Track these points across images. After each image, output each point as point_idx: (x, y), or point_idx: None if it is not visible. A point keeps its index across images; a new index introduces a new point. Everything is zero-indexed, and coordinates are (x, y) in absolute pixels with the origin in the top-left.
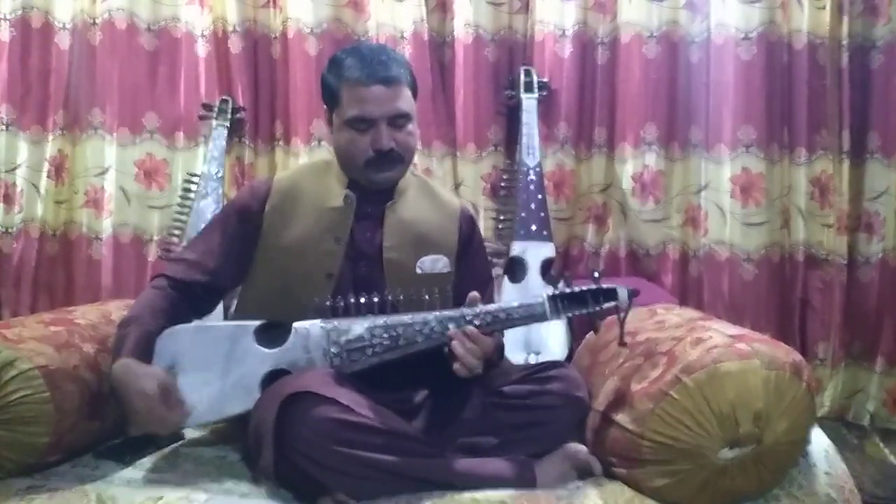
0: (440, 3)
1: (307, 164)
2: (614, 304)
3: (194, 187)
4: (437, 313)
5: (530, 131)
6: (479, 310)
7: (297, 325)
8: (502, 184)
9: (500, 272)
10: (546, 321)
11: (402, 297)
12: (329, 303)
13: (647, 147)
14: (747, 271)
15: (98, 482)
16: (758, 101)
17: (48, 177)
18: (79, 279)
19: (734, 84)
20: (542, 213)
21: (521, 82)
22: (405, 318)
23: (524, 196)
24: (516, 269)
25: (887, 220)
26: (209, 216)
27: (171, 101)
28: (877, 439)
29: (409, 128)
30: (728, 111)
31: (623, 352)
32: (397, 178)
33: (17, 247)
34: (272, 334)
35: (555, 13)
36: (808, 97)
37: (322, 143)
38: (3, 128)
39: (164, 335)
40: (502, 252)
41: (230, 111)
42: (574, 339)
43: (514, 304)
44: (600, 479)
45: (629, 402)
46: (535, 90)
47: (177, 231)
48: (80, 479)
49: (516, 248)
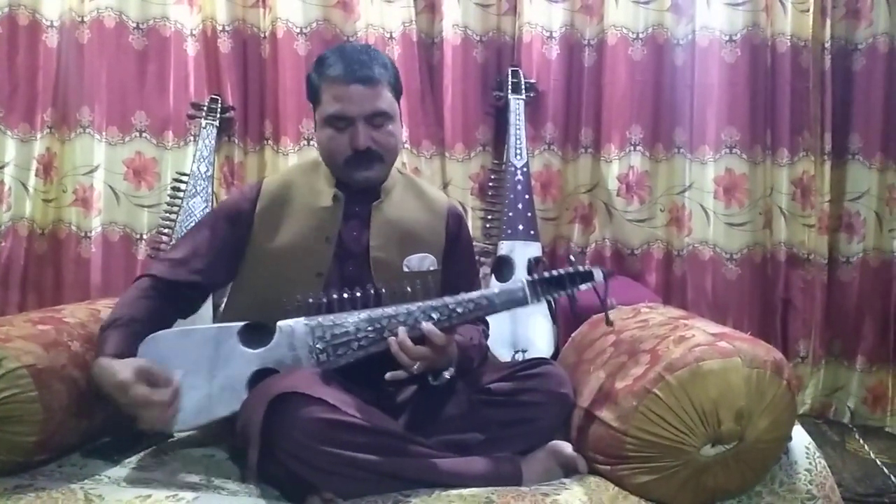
0: (429, 5)
1: (296, 164)
2: (591, 284)
3: (183, 186)
4: (420, 304)
5: (518, 132)
6: (461, 298)
7: (281, 323)
8: (490, 184)
9: (487, 271)
10: (527, 305)
11: (384, 291)
12: (312, 300)
13: (632, 148)
14: (730, 270)
15: (86, 481)
16: (741, 102)
17: (36, 175)
18: (67, 277)
19: (718, 86)
20: (528, 213)
21: (509, 83)
22: (388, 310)
23: (511, 196)
24: (503, 268)
25: (868, 220)
26: (198, 215)
27: (160, 100)
28: (857, 436)
29: (389, 128)
30: (712, 113)
31: (608, 350)
32: (377, 178)
33: (6, 245)
34: (256, 334)
35: (542, 15)
36: (790, 99)
37: (311, 143)
38: None
39: (147, 341)
40: (490, 251)
41: (219, 110)
42: (560, 337)
43: (495, 290)
44: (584, 475)
45: (613, 399)
46: (523, 91)
47: (166, 230)
48: (68, 477)
49: (503, 247)
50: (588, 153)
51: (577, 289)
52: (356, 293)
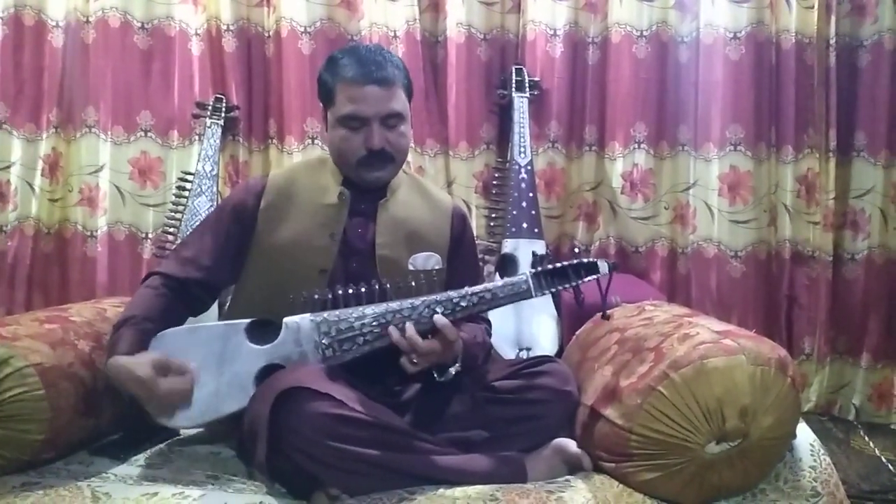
0: (433, 3)
1: (302, 161)
2: (595, 276)
3: (188, 185)
4: (424, 298)
5: (522, 130)
6: (466, 291)
7: (287, 319)
8: (494, 182)
9: (491, 269)
10: (531, 297)
11: (388, 286)
12: (318, 296)
13: (636, 146)
14: (735, 268)
15: (93, 479)
16: (746, 100)
17: (42, 175)
18: (73, 277)
19: (723, 83)
20: (533, 211)
21: (513, 81)
22: (394, 305)
23: (515, 194)
24: (508, 266)
25: (873, 217)
26: (203, 214)
27: (165, 100)
28: (862, 433)
29: (402, 128)
30: (716, 110)
31: (612, 347)
32: (388, 178)
33: (12, 245)
34: (263, 331)
35: (546, 13)
36: (795, 96)
37: (315, 142)
38: None
39: (156, 339)
40: (494, 249)
41: (224, 109)
42: (565, 335)
43: (499, 283)
44: (589, 473)
45: (618, 397)
46: (527, 89)
47: (171, 229)
48: (75, 475)
49: (508, 245)
50: (592, 151)
51: (581, 281)
52: (361, 289)
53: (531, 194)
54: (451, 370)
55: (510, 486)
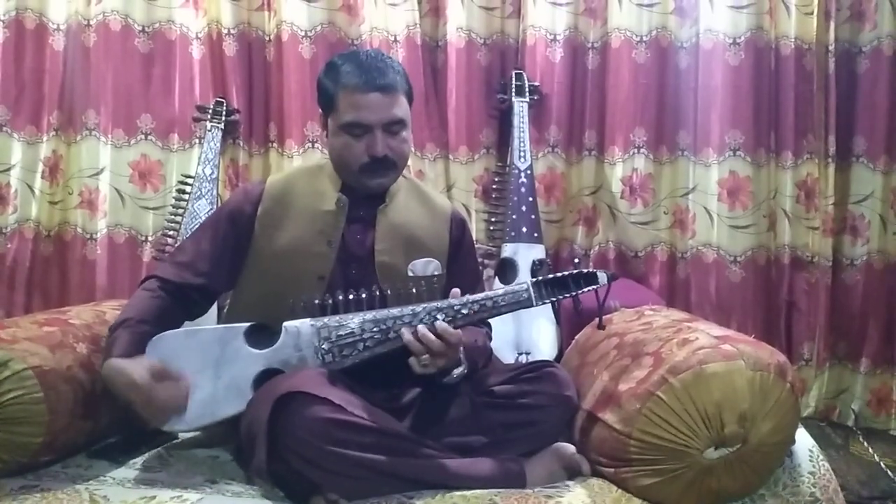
0: (433, 8)
1: (300, 167)
2: (595, 287)
3: (189, 188)
4: (425, 305)
5: (521, 134)
6: (467, 299)
7: (287, 324)
8: (494, 186)
9: (491, 273)
10: (531, 307)
11: (389, 292)
12: (318, 301)
13: (636, 150)
14: (734, 273)
15: (91, 482)
16: (745, 105)
17: (42, 177)
18: (73, 279)
19: (722, 89)
20: (532, 216)
21: (513, 86)
22: (394, 311)
23: (515, 198)
24: (507, 271)
25: (872, 223)
26: (203, 217)
27: (165, 103)
28: (861, 439)
29: (404, 135)
30: (716, 115)
31: (611, 352)
32: (390, 184)
33: (12, 247)
34: (262, 335)
35: (546, 18)
36: (794, 102)
37: (316, 146)
38: None
39: (153, 341)
40: (493, 253)
41: (224, 113)
42: (563, 340)
43: (500, 291)
44: (588, 478)
45: (617, 401)
46: (527, 94)
47: (171, 232)
48: (73, 478)
49: (507, 249)
50: (592, 156)
51: (581, 291)
52: (361, 295)
53: (531, 199)
54: (456, 372)
55: (509, 491)
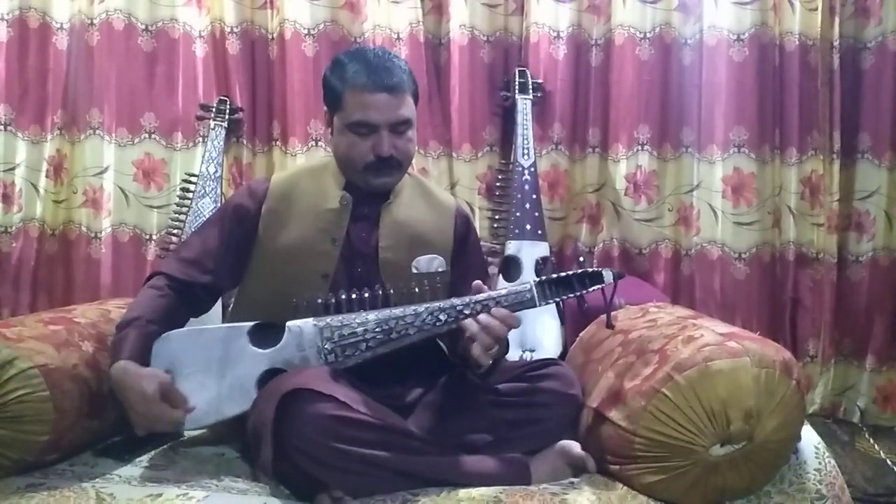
0: (436, 5)
1: (304, 165)
2: (600, 286)
3: (192, 187)
4: (427, 305)
5: (525, 132)
6: (469, 299)
7: (290, 323)
8: (497, 184)
9: (494, 271)
10: (535, 307)
11: (392, 292)
12: (321, 300)
13: (640, 147)
14: (739, 270)
15: (97, 480)
16: (749, 102)
17: (47, 176)
18: (78, 278)
19: (726, 85)
20: (536, 213)
21: (516, 83)
22: (397, 311)
23: (519, 196)
24: (511, 268)
25: (877, 219)
26: (207, 215)
27: (169, 102)
28: (867, 436)
29: (409, 134)
30: (720, 112)
31: (616, 350)
32: (395, 183)
33: (17, 246)
34: (266, 334)
35: (549, 15)
36: (799, 98)
37: (319, 144)
38: (2, 128)
39: (159, 341)
40: (497, 251)
41: (228, 111)
42: (568, 337)
43: (503, 291)
44: (594, 475)
45: (622, 399)
46: (530, 91)
47: (175, 231)
48: (79, 476)
49: (511, 247)
50: (595, 153)
51: (586, 291)
52: (364, 294)
53: (534, 196)
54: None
55: (514, 489)
